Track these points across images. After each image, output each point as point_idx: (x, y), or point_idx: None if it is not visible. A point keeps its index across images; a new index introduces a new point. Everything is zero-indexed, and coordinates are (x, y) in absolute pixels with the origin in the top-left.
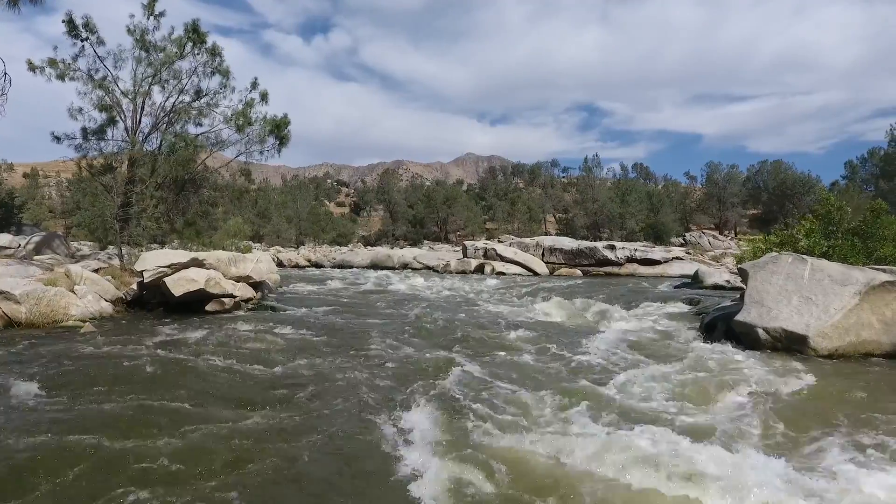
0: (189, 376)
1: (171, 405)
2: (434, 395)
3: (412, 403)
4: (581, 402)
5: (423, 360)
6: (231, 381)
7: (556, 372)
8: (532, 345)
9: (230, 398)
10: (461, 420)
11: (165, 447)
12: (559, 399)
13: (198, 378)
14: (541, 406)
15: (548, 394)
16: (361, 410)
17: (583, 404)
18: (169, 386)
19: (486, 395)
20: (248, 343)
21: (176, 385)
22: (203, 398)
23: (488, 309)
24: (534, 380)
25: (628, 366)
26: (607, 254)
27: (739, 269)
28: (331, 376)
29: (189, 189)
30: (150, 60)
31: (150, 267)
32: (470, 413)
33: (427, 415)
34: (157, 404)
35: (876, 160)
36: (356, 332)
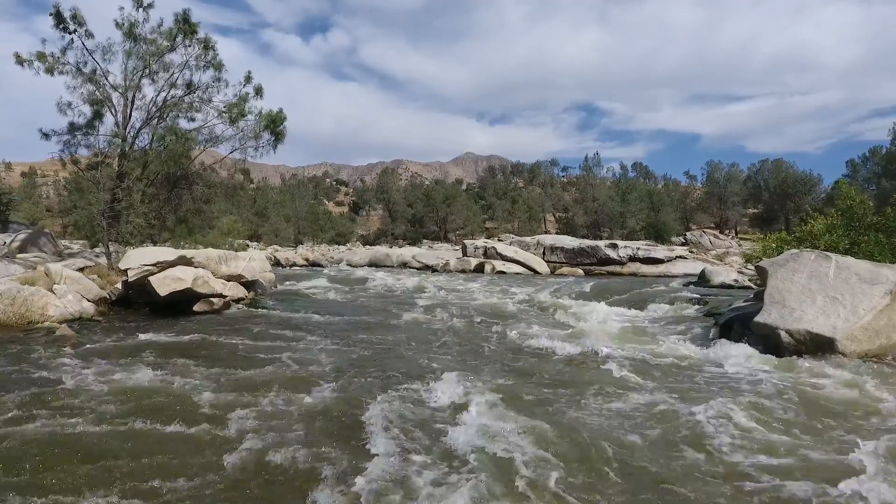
0: (135, 395)
1: (91, 431)
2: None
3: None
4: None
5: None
6: (196, 396)
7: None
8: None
9: (185, 419)
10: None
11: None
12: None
13: (148, 397)
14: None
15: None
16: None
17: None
18: (105, 405)
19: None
20: (228, 347)
21: (114, 404)
22: (144, 422)
23: (491, 306)
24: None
25: (651, 378)
26: (609, 253)
27: (757, 268)
28: (317, 388)
29: (182, 186)
30: (139, 53)
31: (134, 265)
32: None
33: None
34: (72, 432)
35: (878, 159)
36: (350, 336)
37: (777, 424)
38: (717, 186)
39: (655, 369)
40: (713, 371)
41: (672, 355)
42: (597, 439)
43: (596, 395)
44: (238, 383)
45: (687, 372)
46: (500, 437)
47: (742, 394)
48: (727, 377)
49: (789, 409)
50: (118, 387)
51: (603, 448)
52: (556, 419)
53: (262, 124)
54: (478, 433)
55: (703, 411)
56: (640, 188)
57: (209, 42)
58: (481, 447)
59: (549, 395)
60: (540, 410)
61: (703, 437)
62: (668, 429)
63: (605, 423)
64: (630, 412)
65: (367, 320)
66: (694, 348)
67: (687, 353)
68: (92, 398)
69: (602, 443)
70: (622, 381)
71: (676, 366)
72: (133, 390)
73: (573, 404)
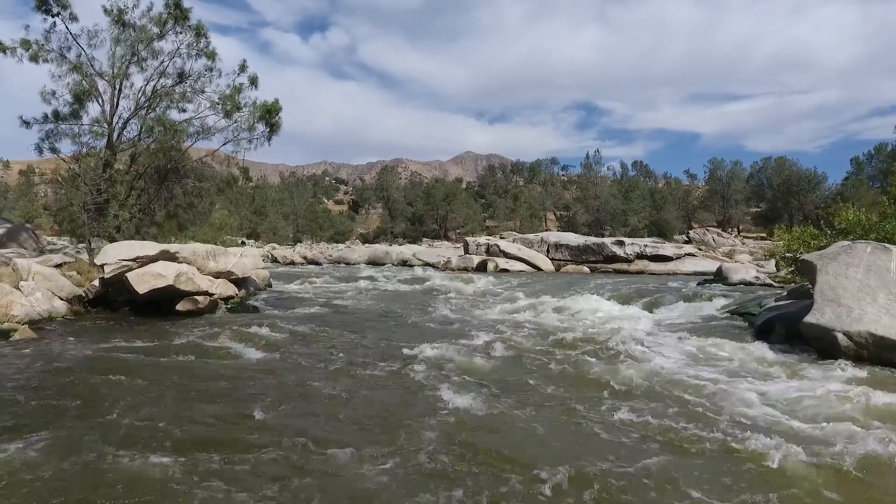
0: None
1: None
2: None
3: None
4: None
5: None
6: (159, 415)
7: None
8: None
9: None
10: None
11: None
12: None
13: (100, 413)
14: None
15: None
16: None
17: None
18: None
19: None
20: (210, 354)
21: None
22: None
23: (486, 306)
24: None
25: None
26: (616, 250)
27: (803, 261)
28: (304, 406)
29: (172, 180)
30: (128, 39)
31: (111, 260)
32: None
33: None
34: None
35: (883, 156)
36: (346, 340)
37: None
38: (720, 184)
39: (704, 389)
40: (781, 389)
41: (718, 364)
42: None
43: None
44: (200, 437)
45: (745, 392)
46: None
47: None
48: (812, 399)
49: None
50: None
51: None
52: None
53: (256, 115)
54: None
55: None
56: (642, 186)
57: (202, 29)
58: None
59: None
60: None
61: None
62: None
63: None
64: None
65: (367, 324)
66: (739, 354)
67: (734, 359)
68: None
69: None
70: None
71: (729, 379)
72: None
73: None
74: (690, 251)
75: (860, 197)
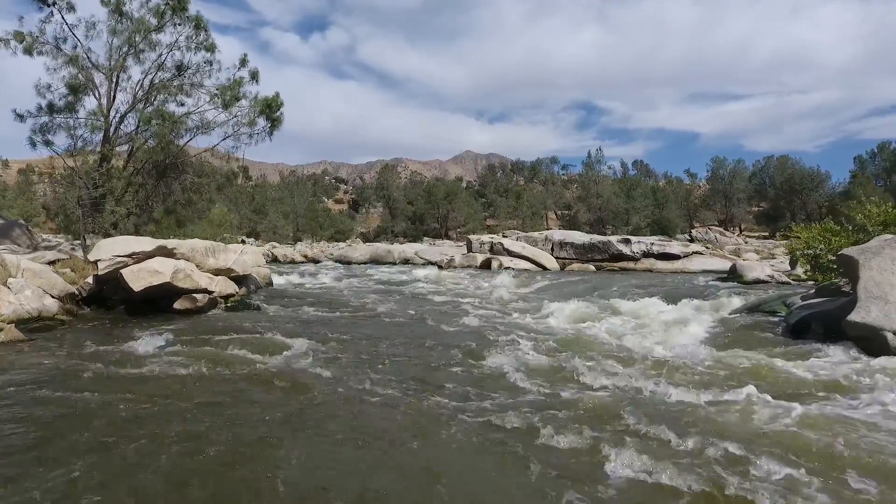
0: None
1: None
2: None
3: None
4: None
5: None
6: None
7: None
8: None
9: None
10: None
11: None
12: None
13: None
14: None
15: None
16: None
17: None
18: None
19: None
20: (207, 359)
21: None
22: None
23: (498, 301)
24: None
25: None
26: (622, 248)
27: (840, 257)
28: (308, 417)
29: (171, 175)
30: (125, 30)
31: (105, 256)
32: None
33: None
34: None
35: (886, 155)
36: (352, 341)
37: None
38: (723, 183)
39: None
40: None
41: (760, 365)
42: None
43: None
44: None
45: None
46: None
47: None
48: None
49: None
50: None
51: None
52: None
53: (256, 110)
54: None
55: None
56: (644, 185)
57: (201, 21)
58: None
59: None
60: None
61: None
62: None
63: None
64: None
65: (370, 325)
66: (779, 359)
67: (775, 361)
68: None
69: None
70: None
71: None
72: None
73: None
74: (698, 250)
75: (867, 194)
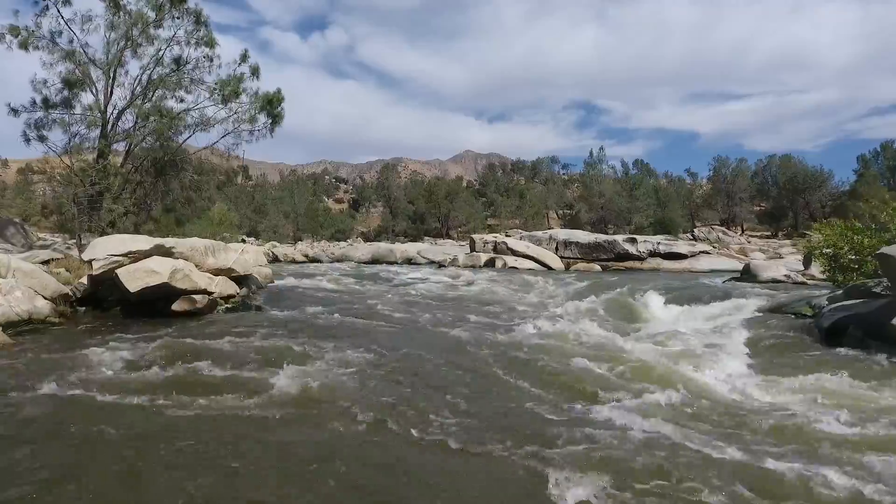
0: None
1: None
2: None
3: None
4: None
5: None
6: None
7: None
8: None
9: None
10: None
11: None
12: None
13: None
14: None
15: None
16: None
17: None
18: None
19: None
20: (206, 367)
21: None
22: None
23: (500, 300)
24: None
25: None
26: (628, 247)
27: (880, 256)
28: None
29: (169, 172)
30: (122, 24)
31: (100, 255)
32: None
33: None
34: None
35: (889, 154)
36: (362, 344)
37: None
38: (725, 182)
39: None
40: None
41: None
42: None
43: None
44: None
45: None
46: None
47: None
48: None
49: None
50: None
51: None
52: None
53: (257, 106)
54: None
55: None
56: (646, 184)
57: (200, 15)
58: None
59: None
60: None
61: None
62: None
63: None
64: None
65: (379, 326)
66: (837, 374)
67: (841, 382)
68: None
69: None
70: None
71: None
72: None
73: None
74: (705, 249)
75: (874, 193)
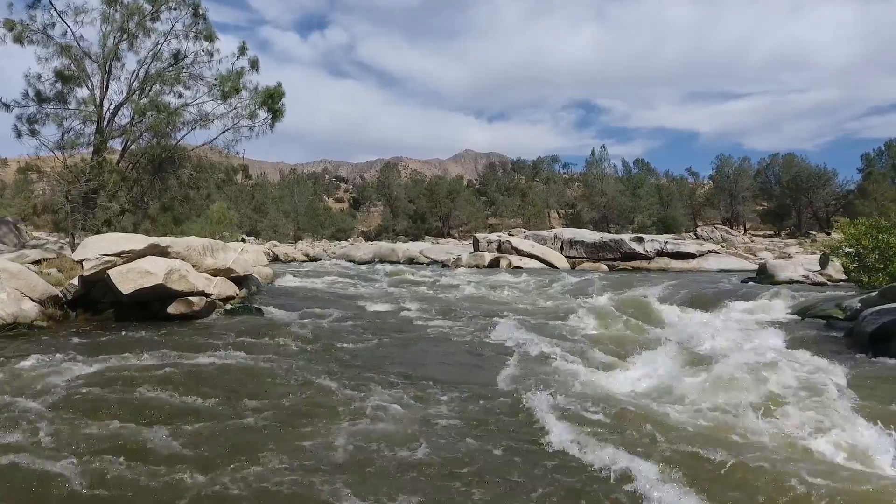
0: None
1: None
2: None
3: None
4: None
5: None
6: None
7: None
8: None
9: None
10: None
11: None
12: None
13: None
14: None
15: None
16: None
17: None
18: None
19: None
20: (202, 377)
21: None
22: None
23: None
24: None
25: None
26: (634, 247)
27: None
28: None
29: (167, 169)
30: (118, 16)
31: (91, 255)
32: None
33: None
34: None
35: (893, 152)
36: (377, 363)
37: None
38: (728, 181)
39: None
40: None
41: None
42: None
43: None
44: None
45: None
46: None
47: None
48: None
49: None
50: None
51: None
52: None
53: (257, 101)
54: None
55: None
56: (649, 183)
57: (198, 7)
58: None
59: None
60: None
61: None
62: None
63: None
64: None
65: (387, 330)
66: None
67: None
68: None
69: None
70: None
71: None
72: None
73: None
74: (713, 248)
75: (883, 192)
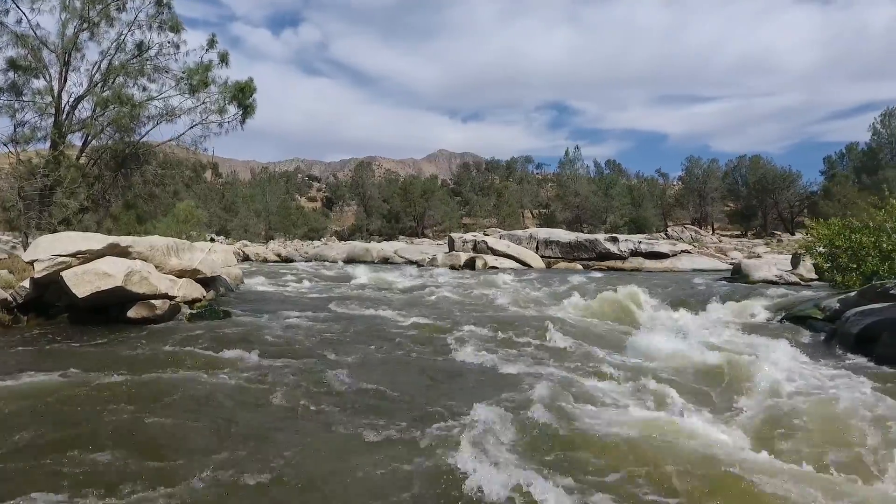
0: None
1: None
2: None
3: None
4: None
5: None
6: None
7: None
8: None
9: None
10: None
11: None
12: None
13: None
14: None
15: None
16: None
17: None
18: None
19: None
20: (161, 387)
21: None
22: None
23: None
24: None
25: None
26: (609, 246)
27: None
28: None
29: (131, 165)
30: (79, 3)
31: (43, 256)
32: None
33: None
34: None
35: (853, 155)
36: (347, 354)
37: None
38: (697, 182)
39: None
40: None
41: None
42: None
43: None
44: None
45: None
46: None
47: None
48: None
49: None
50: None
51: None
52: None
53: (227, 96)
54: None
55: None
56: (621, 184)
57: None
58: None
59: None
60: None
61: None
62: None
63: None
64: None
65: (360, 331)
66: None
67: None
68: None
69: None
70: None
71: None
72: None
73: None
74: (686, 248)
75: (846, 193)
